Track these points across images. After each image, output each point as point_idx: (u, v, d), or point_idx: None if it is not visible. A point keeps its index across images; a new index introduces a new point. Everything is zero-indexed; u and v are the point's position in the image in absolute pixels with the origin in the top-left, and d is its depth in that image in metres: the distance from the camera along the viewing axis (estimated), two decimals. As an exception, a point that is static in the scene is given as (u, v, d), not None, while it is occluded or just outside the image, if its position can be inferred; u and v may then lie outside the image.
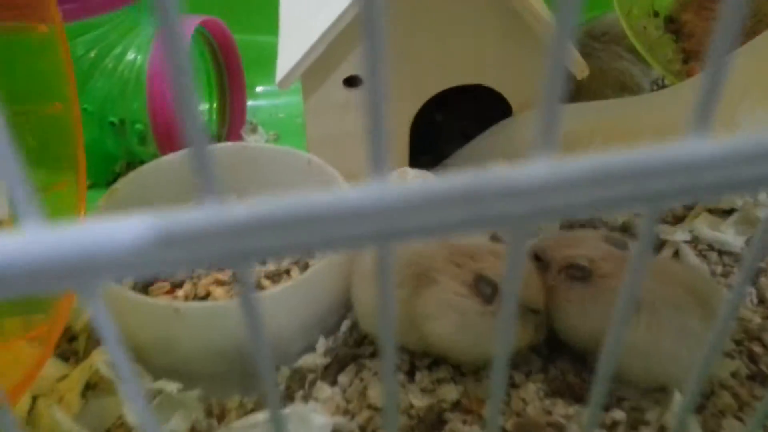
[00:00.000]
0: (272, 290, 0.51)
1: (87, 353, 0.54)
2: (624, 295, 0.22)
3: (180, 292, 0.58)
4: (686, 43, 0.72)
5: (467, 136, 0.73)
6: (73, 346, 0.56)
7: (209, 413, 0.50)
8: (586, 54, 0.85)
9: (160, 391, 0.49)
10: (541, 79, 0.16)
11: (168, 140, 0.71)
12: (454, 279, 0.49)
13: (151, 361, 0.52)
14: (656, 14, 0.74)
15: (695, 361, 0.46)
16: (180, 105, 0.15)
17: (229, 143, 0.68)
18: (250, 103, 0.89)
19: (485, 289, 0.47)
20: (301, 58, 0.61)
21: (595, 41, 0.87)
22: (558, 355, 0.53)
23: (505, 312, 0.21)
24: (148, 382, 0.49)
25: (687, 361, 0.45)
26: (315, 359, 0.53)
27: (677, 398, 0.45)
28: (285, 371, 0.53)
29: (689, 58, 0.72)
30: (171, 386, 0.49)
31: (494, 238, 0.53)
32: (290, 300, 0.51)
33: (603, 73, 0.83)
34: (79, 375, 0.50)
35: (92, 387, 0.51)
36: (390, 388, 0.22)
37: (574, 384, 0.50)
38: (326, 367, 0.53)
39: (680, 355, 0.45)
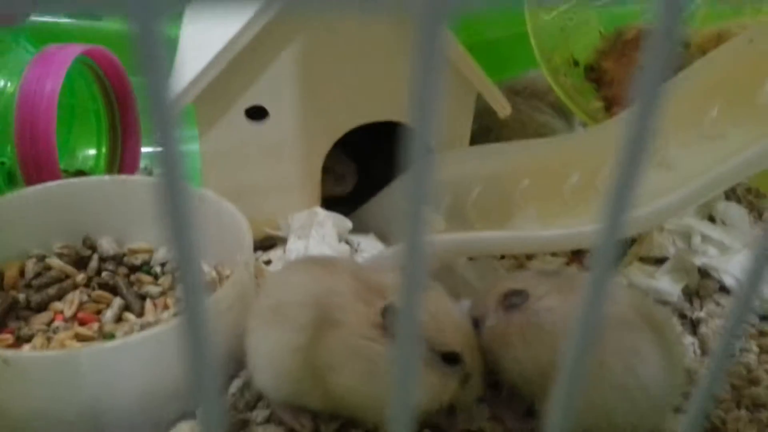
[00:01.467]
0: (134, 337, 0.41)
1: None
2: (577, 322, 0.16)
3: (26, 347, 0.46)
4: (607, 91, 0.71)
5: (387, 178, 0.68)
6: None
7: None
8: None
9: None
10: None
11: (37, 175, 0.61)
12: (362, 319, 0.40)
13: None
14: (576, 63, 0.73)
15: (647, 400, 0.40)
16: None
17: (108, 176, 0.59)
18: (148, 150, 0.80)
19: (392, 323, 0.39)
20: (192, 80, 0.54)
21: (517, 95, 0.85)
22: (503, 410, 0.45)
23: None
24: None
25: (635, 393, 0.38)
26: (193, 428, 0.43)
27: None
28: (153, 444, 0.42)
29: (611, 105, 0.70)
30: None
31: None
32: (156, 351, 0.41)
33: (524, 126, 0.80)
34: None
35: None
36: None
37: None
38: (207, 437, 0.43)
39: (627, 384, 0.39)
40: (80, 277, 0.54)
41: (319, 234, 0.60)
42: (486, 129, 0.76)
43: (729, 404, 0.46)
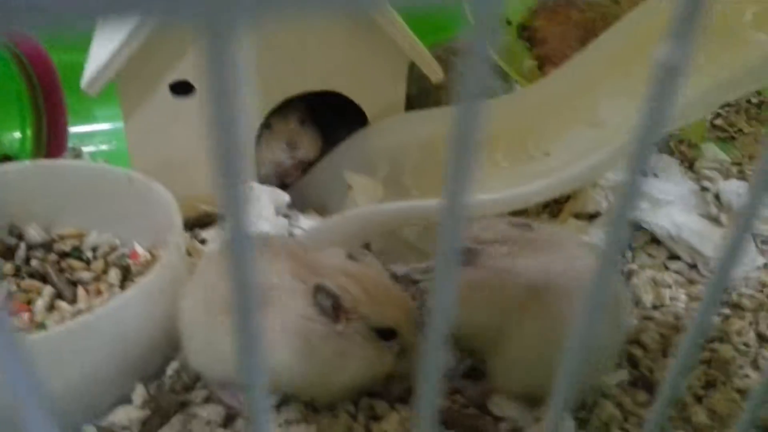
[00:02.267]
0: (68, 325, 0.40)
1: None
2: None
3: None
4: (540, 49, 0.71)
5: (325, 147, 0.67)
6: None
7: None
8: (447, 69, 0.81)
9: None
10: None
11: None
12: (296, 298, 0.40)
13: None
14: (509, 22, 0.73)
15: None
16: None
17: (30, 162, 0.57)
18: (81, 129, 0.78)
19: (324, 302, 0.39)
20: (111, 55, 0.52)
21: (456, 57, 0.85)
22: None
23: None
24: None
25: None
26: (130, 413, 0.42)
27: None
28: (90, 430, 0.42)
29: (543, 64, 0.70)
30: None
31: (351, 257, 0.45)
32: (92, 337, 0.40)
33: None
34: None
35: None
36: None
37: (444, 409, 0.42)
38: (144, 422, 0.42)
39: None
40: (8, 267, 0.52)
41: (255, 209, 0.59)
42: (425, 92, 0.75)
43: (656, 354, 0.48)
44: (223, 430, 0.42)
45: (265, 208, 0.60)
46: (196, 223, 0.61)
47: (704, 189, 0.64)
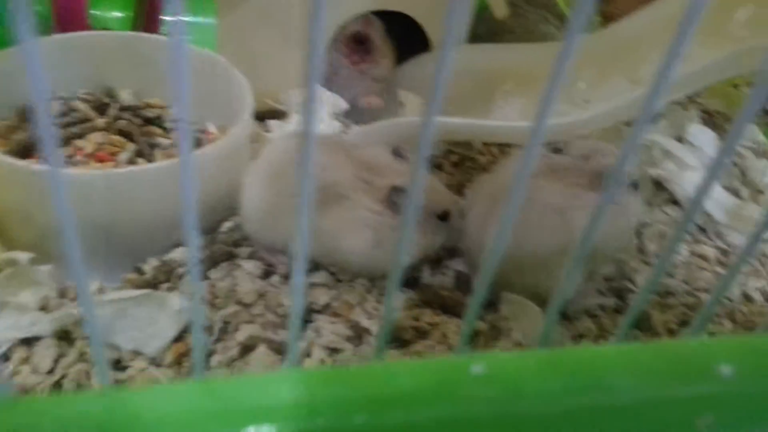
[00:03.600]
0: (139, 167, 0.48)
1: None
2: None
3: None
4: (606, 6, 0.74)
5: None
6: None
7: (62, 294, 0.47)
8: (516, 14, 0.85)
9: (12, 262, 0.46)
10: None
11: (70, 24, 0.66)
12: (366, 196, 0.48)
13: (8, 234, 0.48)
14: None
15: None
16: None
17: (131, 32, 0.65)
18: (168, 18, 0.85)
19: (398, 200, 0.47)
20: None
21: (527, 3, 0.88)
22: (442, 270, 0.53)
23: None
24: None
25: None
26: (186, 253, 0.51)
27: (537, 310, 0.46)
28: (153, 262, 0.50)
29: (607, 21, 0.74)
30: (23, 256, 0.46)
31: (396, 153, 0.52)
32: (159, 184, 0.48)
33: (529, 34, 0.83)
34: None
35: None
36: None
37: (445, 297, 0.49)
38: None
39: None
40: (100, 121, 0.61)
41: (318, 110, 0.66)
42: (492, 32, 0.80)
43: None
44: (260, 281, 0.50)
45: (323, 111, 0.66)
46: (263, 116, 0.68)
47: (734, 165, 0.68)
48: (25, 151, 0.55)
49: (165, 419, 0.20)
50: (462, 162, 0.68)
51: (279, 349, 0.45)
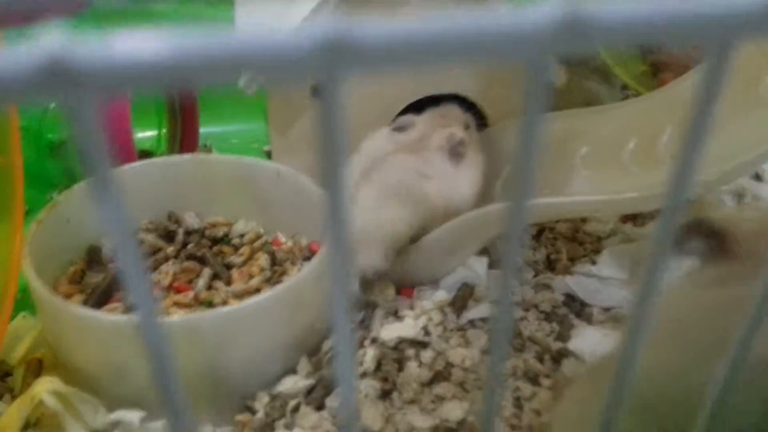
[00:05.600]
0: (246, 302, 0.44)
1: (25, 389, 0.45)
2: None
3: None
4: (655, 56, 0.72)
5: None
6: (7, 382, 0.48)
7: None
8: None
9: (118, 424, 0.42)
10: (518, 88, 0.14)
11: (116, 156, 0.64)
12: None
13: (105, 392, 0.44)
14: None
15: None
16: None
17: (190, 155, 0.62)
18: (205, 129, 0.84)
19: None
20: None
21: (562, 62, 0.87)
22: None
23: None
24: (103, 415, 0.42)
25: None
26: (297, 382, 0.47)
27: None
28: (263, 397, 0.46)
29: (659, 70, 0.72)
30: (132, 416, 0.41)
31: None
32: (266, 314, 0.45)
33: (570, 92, 0.82)
34: (17, 411, 0.42)
35: (34, 425, 0.42)
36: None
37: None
38: (310, 390, 0.47)
39: None
40: (170, 249, 0.58)
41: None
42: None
43: None
44: (381, 402, 0.46)
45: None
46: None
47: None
48: (103, 295, 0.51)
49: None
50: (541, 233, 0.65)
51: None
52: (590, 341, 0.51)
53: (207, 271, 0.56)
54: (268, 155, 0.76)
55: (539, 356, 0.49)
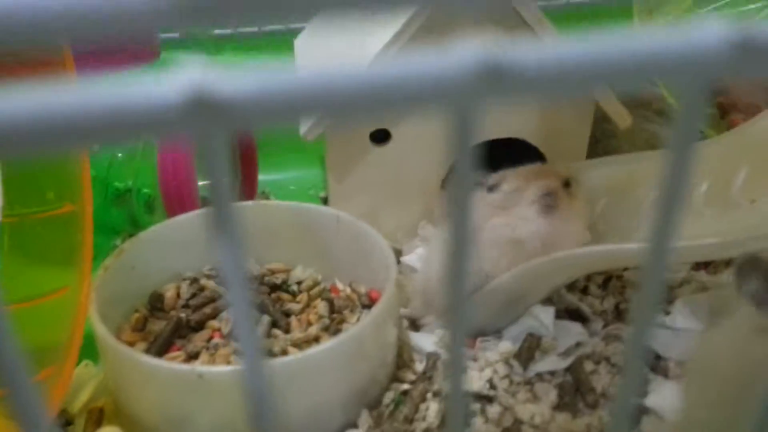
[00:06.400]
0: (308, 351, 0.43)
1: (87, 438, 0.45)
2: None
3: (196, 363, 0.50)
4: (722, 98, 0.70)
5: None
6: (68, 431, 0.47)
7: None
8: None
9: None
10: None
11: (179, 204, 0.65)
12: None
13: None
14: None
15: None
16: None
17: (250, 202, 0.63)
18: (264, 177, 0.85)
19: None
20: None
21: (623, 105, 0.85)
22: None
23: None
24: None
25: None
26: (360, 435, 0.45)
27: None
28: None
29: (726, 112, 0.70)
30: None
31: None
32: (327, 364, 0.44)
33: (632, 135, 0.80)
34: (77, 461, 0.41)
35: (94, 474, 0.42)
36: None
37: None
38: (372, 446, 0.45)
39: None
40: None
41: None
42: (594, 139, 0.76)
43: None
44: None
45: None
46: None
47: None
48: (165, 344, 0.51)
49: None
50: (608, 281, 0.62)
51: None
52: (669, 397, 0.47)
53: (266, 319, 0.56)
54: (324, 201, 0.76)
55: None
